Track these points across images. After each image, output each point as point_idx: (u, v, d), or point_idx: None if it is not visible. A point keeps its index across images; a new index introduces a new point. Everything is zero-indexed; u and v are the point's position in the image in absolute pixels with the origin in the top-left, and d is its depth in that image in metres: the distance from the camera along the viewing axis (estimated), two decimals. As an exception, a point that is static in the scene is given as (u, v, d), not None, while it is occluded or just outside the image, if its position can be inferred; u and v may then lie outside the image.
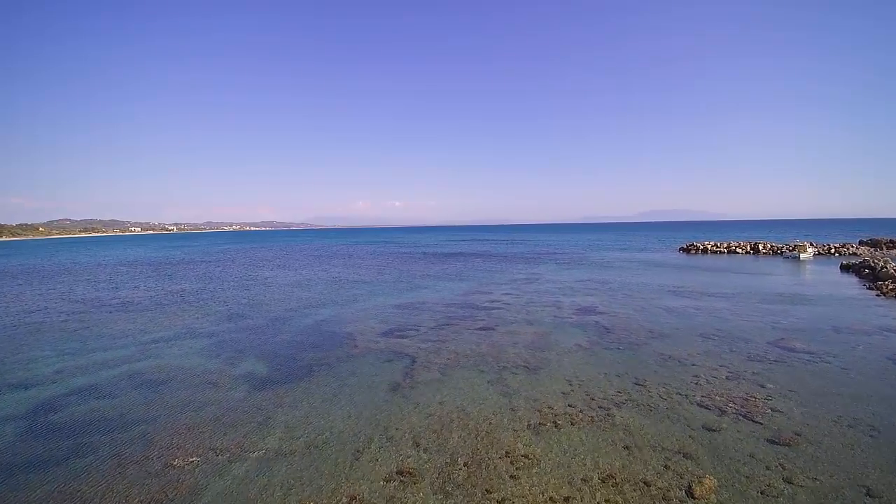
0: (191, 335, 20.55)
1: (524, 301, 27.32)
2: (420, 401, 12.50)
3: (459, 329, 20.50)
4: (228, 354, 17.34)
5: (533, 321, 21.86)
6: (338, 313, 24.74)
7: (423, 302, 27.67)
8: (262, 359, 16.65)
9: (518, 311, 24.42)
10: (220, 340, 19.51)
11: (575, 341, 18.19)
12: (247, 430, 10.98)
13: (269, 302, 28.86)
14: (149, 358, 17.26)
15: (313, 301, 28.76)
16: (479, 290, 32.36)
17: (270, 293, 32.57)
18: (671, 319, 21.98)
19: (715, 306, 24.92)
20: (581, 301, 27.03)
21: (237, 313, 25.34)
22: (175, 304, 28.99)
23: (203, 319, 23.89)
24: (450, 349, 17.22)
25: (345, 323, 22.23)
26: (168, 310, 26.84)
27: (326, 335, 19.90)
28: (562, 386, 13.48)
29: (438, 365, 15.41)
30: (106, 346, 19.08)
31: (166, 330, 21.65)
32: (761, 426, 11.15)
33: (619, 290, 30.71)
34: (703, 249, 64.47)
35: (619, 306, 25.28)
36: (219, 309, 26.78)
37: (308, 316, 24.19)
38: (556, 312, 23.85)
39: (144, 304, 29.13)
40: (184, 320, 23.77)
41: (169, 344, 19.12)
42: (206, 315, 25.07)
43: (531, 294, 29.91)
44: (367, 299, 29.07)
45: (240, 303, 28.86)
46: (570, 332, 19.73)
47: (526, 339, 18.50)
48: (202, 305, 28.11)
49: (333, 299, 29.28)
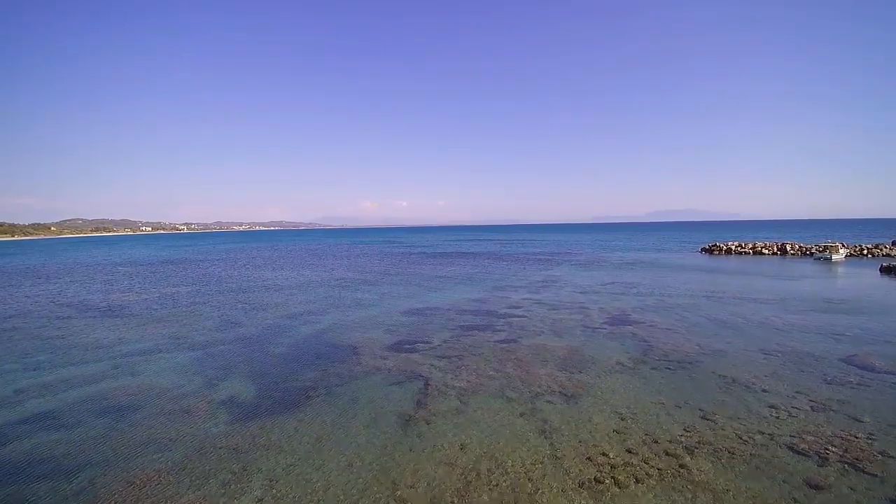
0: (175, 346, 18.25)
1: (546, 307, 24.72)
2: (438, 442, 9.99)
3: (477, 341, 17.98)
4: (213, 372, 14.98)
5: (560, 332, 19.27)
6: (341, 321, 22.33)
7: (435, 308, 25.17)
8: (251, 378, 14.25)
9: (541, 319, 21.84)
10: (207, 353, 17.18)
11: (614, 358, 15.59)
12: (217, 485, 8.55)
13: (267, 307, 26.56)
14: (122, 375, 14.96)
15: (314, 306, 26.40)
16: (494, 294, 29.79)
17: (269, 297, 30.28)
18: (718, 330, 19.29)
19: (762, 315, 22.15)
20: (610, 308, 24.38)
21: (231, 320, 23.03)
22: (166, 308, 26.80)
23: (192, 327, 21.61)
24: (469, 368, 14.70)
25: (348, 333, 19.80)
26: (157, 315, 24.63)
27: (327, 348, 17.48)
28: (612, 421, 10.91)
29: (457, 389, 12.90)
30: (78, 359, 16.83)
31: (150, 340, 19.38)
32: (877, 479, 8.56)
33: (648, 295, 27.99)
34: (726, 250, 61.27)
35: (653, 314, 22.60)
36: (212, 315, 24.51)
37: (308, 324, 21.80)
38: (585, 321, 21.23)
39: (134, 308, 26.97)
40: (171, 328, 21.51)
41: (148, 358, 16.82)
42: (196, 322, 22.80)
43: (553, 299, 27.30)
44: (372, 304, 26.65)
45: (235, 308, 26.59)
46: (606, 346, 17.13)
47: (556, 356, 15.93)
48: (194, 311, 25.87)
49: (336, 304, 26.89)
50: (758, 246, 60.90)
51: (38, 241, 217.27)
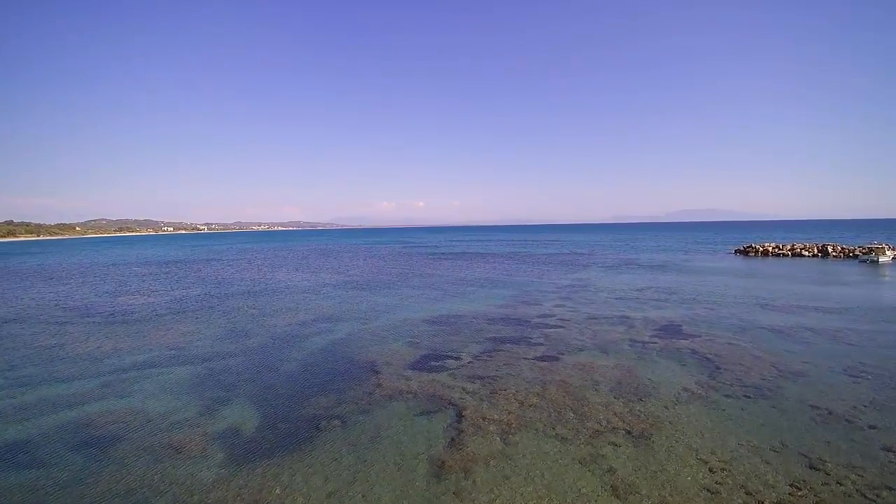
0: (175, 360, 16.45)
1: (583, 316, 22.33)
2: (481, 501, 7.83)
3: (513, 358, 15.75)
4: (212, 394, 13.06)
5: (606, 347, 16.91)
6: (357, 331, 20.32)
7: (460, 316, 23.00)
8: (255, 404, 12.28)
9: (581, 330, 19.48)
10: (209, 370, 15.31)
11: (679, 382, 13.20)
12: (198, 567, 6.54)
13: (278, 313, 24.73)
14: (111, 396, 13.15)
15: (329, 312, 24.47)
16: (522, 299, 27.48)
17: (282, 302, 28.49)
18: (788, 345, 16.71)
19: (830, 326, 19.46)
20: (655, 317, 21.87)
21: (239, 329, 21.23)
22: (173, 313, 25.19)
23: (196, 336, 19.85)
24: (508, 393, 12.49)
25: (365, 345, 17.75)
26: (161, 322, 22.99)
27: (342, 365, 15.45)
28: (699, 473, 8.59)
29: (497, 424, 10.70)
30: (67, 374, 15.13)
31: (149, 351, 17.65)
32: None
33: (693, 303, 25.36)
34: (762, 252, 57.69)
35: (706, 325, 20.05)
36: (219, 322, 22.76)
37: (321, 333, 19.84)
38: (631, 333, 18.82)
39: (138, 313, 25.44)
40: (174, 337, 19.78)
41: (143, 374, 15.03)
42: (201, 330, 21.05)
43: (588, 306, 24.88)
44: (392, 311, 24.60)
45: (244, 314, 24.84)
46: (663, 366, 14.72)
47: (608, 377, 13.60)
48: (201, 317, 24.18)
49: (353, 311, 24.92)
50: (796, 247, 57.21)
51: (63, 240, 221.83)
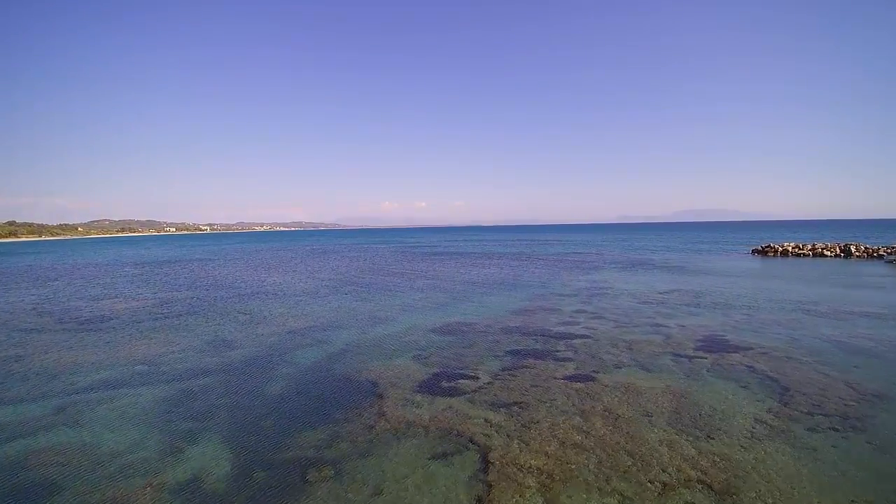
0: (145, 379, 14.16)
1: (611, 324, 19.96)
2: None
3: (540, 377, 13.39)
4: (179, 428, 10.74)
5: (647, 363, 14.55)
6: (356, 342, 18.00)
7: (471, 323, 20.66)
8: (228, 443, 9.95)
9: (612, 342, 17.12)
10: (182, 391, 13.00)
11: (747, 411, 10.84)
12: None
13: (270, 320, 22.41)
14: (62, 425, 10.87)
15: (325, 319, 22.13)
16: (539, 304, 25.11)
17: (275, 307, 26.19)
18: (856, 360, 14.33)
19: (891, 336, 17.09)
20: (691, 324, 19.50)
21: (223, 338, 18.93)
22: (155, 319, 22.91)
23: (175, 348, 17.57)
24: (542, 428, 10.13)
25: (365, 361, 15.41)
26: (140, 329, 20.72)
27: (337, 387, 13.10)
28: (827, 558, 6.26)
29: (535, 474, 8.35)
30: (16, 394, 12.86)
31: (118, 366, 15.36)
32: None
33: (727, 308, 22.98)
34: (782, 251, 55.22)
35: (752, 335, 17.69)
36: (203, 330, 20.46)
37: (315, 345, 17.52)
38: (671, 345, 16.46)
39: (118, 319, 23.18)
40: (150, 348, 17.50)
41: (105, 396, 12.73)
42: (182, 340, 18.77)
43: (612, 312, 22.50)
44: (395, 318, 22.26)
45: (234, 320, 22.53)
46: (721, 388, 12.35)
47: (662, 405, 11.24)
48: (185, 324, 21.89)
49: (352, 318, 22.58)
50: (817, 247, 54.70)
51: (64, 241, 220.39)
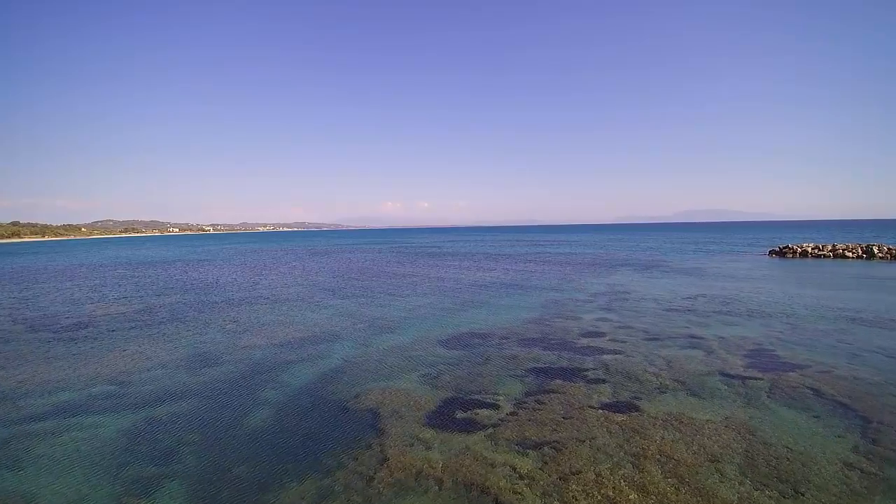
0: (109, 404, 12.10)
1: (640, 334, 17.81)
2: None
3: (572, 405, 11.25)
4: (138, 473, 8.65)
5: (694, 386, 12.40)
6: (355, 357, 15.89)
7: (484, 335, 18.54)
8: (199, 493, 7.88)
9: (647, 357, 14.97)
10: (147, 424, 10.92)
11: (832, 452, 8.67)
12: None
13: (260, 330, 20.35)
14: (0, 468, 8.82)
15: (322, 330, 20.02)
16: (556, 311, 22.97)
17: (266, 314, 24.12)
18: (944, 385, 12.17)
19: (974, 353, 14.91)
20: (731, 336, 17.33)
21: (206, 352, 16.86)
22: (134, 328, 20.89)
23: (150, 364, 15.51)
24: (586, 480, 8.01)
25: (365, 383, 13.29)
26: (116, 340, 18.70)
27: (330, 419, 10.98)
28: None
29: (590, 556, 6.26)
30: (-50, 427, 10.82)
31: (81, 387, 13.31)
32: None
33: (765, 316, 20.81)
34: (801, 253, 52.90)
35: (804, 349, 15.53)
36: (185, 342, 18.41)
37: (309, 362, 15.42)
38: (715, 362, 14.30)
39: (95, 327, 21.17)
40: (121, 365, 15.46)
41: (60, 427, 10.67)
42: (159, 354, 16.72)
43: (639, 320, 20.34)
44: (397, 328, 20.16)
45: (220, 329, 20.48)
46: (790, 420, 10.18)
47: (726, 445, 9.09)
48: (166, 333, 19.85)
49: (350, 328, 20.49)
50: (838, 248, 52.36)
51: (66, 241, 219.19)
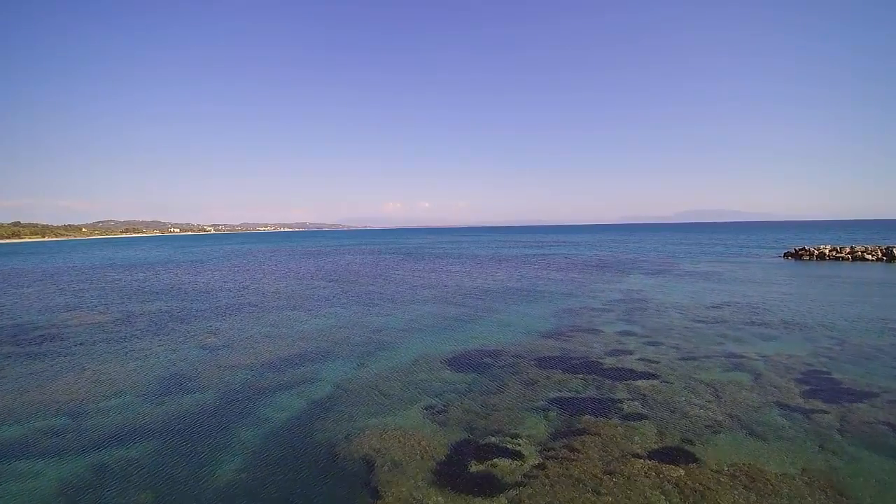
0: (54, 444, 10.05)
1: (674, 353, 15.71)
2: None
3: (610, 451, 9.17)
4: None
5: (752, 423, 10.32)
6: (348, 383, 13.79)
7: (495, 352, 16.48)
8: None
9: (688, 384, 12.88)
10: (95, 472, 8.85)
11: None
12: None
13: (243, 344, 18.29)
14: None
15: (312, 347, 17.91)
16: (572, 322, 20.90)
17: (252, 326, 22.04)
18: None
19: None
20: (775, 355, 15.23)
21: (179, 375, 14.79)
22: (106, 342, 18.86)
23: (113, 388, 13.46)
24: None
25: (358, 419, 11.16)
26: (84, 356, 16.65)
27: (315, 471, 8.89)
28: None
29: None
30: None
31: (29, 420, 11.27)
32: None
33: (804, 329, 18.74)
34: (818, 255, 50.77)
35: (862, 371, 13.46)
36: (158, 361, 16.34)
37: (295, 388, 13.30)
38: (770, 391, 12.21)
39: (67, 340, 19.14)
40: (81, 390, 13.41)
41: (-26, 481, 8.64)
42: (128, 376, 14.67)
43: (667, 335, 18.26)
44: (398, 344, 18.08)
45: (199, 344, 18.42)
46: (879, 470, 8.12)
47: (824, 519, 7.04)
48: (140, 349, 17.81)
49: (344, 344, 18.40)
50: (857, 250, 50.26)
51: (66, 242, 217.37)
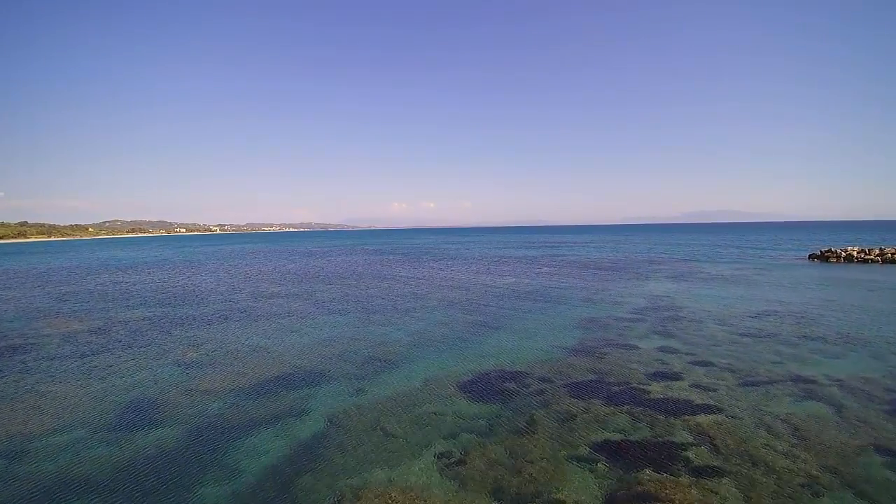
0: (-45, 506, 7.84)
1: (730, 376, 13.28)
2: None
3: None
4: None
5: (858, 481, 7.93)
6: (343, 418, 11.41)
7: (517, 374, 14.12)
8: None
9: (759, 419, 10.48)
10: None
11: None
12: None
13: (225, 362, 16.02)
14: None
15: (302, 366, 15.52)
16: (600, 336, 18.48)
17: (238, 339, 19.74)
18: None
19: None
20: (850, 380, 12.76)
21: (145, 403, 12.52)
22: (74, 357, 16.68)
23: (66, 420, 11.24)
24: None
25: (354, 472, 8.80)
26: (41, 375, 14.45)
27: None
28: None
29: None
30: None
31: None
32: None
33: (867, 345, 16.28)
34: (845, 257, 48.03)
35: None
36: (126, 383, 14.07)
37: (278, 429, 10.88)
38: (860, 429, 9.78)
39: (26, 354, 16.98)
40: (28, 420, 11.19)
41: None
42: (86, 403, 12.44)
43: (715, 351, 15.83)
44: (403, 363, 15.70)
45: (175, 362, 16.14)
46: None
47: None
48: (109, 367, 15.57)
49: (341, 360, 16.08)
50: (887, 252, 47.48)
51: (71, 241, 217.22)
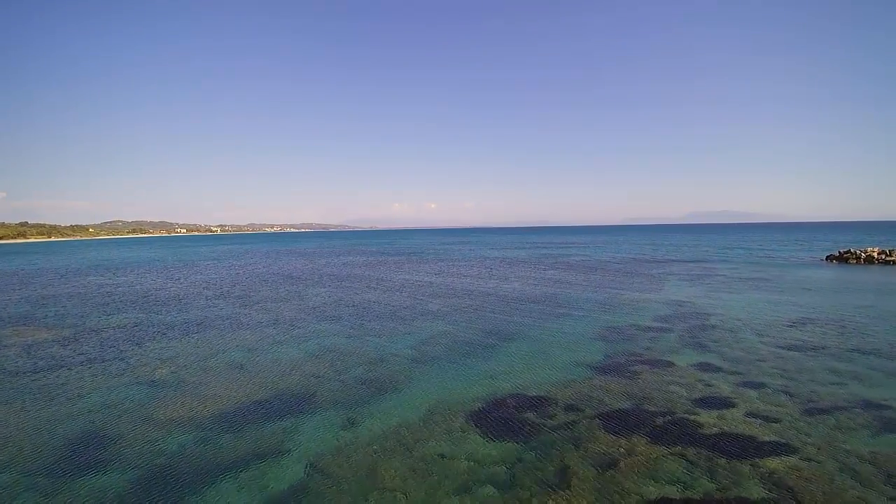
0: None
1: (788, 403, 11.29)
2: None
3: None
4: None
5: None
6: (328, 463, 9.33)
7: (537, 400, 12.14)
8: None
9: (844, 464, 8.47)
10: None
11: None
12: None
13: (198, 381, 14.00)
14: None
15: (286, 388, 13.43)
16: (627, 350, 16.50)
17: (218, 352, 17.72)
18: None
19: None
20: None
21: (101, 432, 10.54)
22: (32, 373, 14.71)
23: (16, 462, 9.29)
24: None
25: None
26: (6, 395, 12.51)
27: None
28: None
29: None
30: None
31: None
32: None
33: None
34: (865, 258, 46.06)
35: None
36: (82, 408, 12.07)
37: (248, 472, 8.82)
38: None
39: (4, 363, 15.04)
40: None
41: None
42: (27, 436, 10.46)
43: (761, 368, 13.86)
44: (404, 384, 13.64)
45: (145, 379, 14.17)
46: None
47: None
48: (66, 385, 13.57)
49: (330, 382, 13.99)
50: (909, 253, 45.55)
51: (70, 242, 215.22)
